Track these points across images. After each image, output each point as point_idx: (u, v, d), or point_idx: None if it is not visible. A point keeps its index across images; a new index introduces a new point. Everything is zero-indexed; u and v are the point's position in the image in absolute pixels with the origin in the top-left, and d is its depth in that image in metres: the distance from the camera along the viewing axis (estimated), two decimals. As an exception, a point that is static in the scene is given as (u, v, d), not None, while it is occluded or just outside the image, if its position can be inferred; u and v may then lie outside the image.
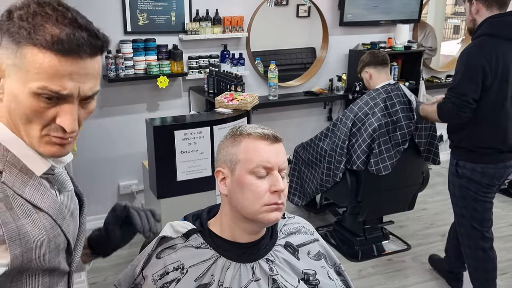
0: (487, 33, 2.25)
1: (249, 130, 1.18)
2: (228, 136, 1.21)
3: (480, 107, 2.25)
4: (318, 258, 1.28)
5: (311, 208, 3.77)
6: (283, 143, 1.20)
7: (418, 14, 4.27)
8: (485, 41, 2.25)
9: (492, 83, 2.23)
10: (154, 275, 1.16)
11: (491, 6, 2.26)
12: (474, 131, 2.32)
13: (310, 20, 5.34)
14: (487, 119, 2.28)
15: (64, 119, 0.82)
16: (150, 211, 1.16)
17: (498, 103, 2.27)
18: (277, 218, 1.15)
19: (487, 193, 2.38)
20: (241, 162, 1.15)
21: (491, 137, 2.30)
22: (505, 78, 2.24)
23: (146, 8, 3.39)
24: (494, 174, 2.33)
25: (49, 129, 0.83)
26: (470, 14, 2.33)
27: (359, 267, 3.12)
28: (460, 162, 2.39)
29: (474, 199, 2.38)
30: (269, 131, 1.18)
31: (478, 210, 2.40)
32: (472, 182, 2.36)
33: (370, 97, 2.97)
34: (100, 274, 3.01)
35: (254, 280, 1.16)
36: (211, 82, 3.42)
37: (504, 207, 3.99)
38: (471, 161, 2.35)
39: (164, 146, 2.71)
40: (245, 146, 1.16)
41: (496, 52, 2.22)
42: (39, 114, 0.81)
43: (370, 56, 3.07)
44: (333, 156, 3.03)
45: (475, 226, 2.43)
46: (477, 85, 2.21)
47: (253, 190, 1.13)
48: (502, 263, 3.15)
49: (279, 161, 1.15)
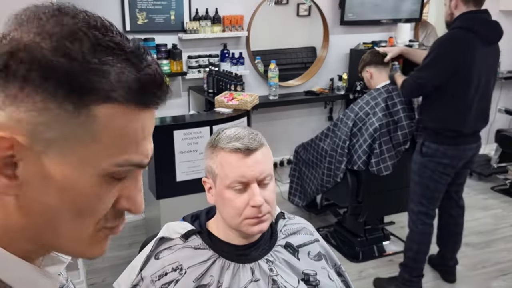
0: (460, 26, 2.47)
1: (222, 142, 1.13)
2: (208, 146, 1.18)
3: (445, 92, 2.49)
4: (318, 259, 1.28)
5: (311, 208, 3.75)
6: (265, 147, 1.15)
7: (419, 13, 4.25)
8: (457, 33, 2.48)
9: (457, 72, 2.45)
10: (152, 276, 1.15)
11: (468, 2, 2.47)
12: (440, 114, 2.54)
13: (311, 19, 5.33)
14: (451, 104, 2.51)
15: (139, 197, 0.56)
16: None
17: (462, 90, 2.48)
18: (260, 230, 1.14)
19: (443, 174, 2.59)
20: (219, 176, 1.14)
21: (454, 120, 2.52)
22: (470, 68, 2.44)
23: (145, 7, 3.38)
24: (455, 155, 2.55)
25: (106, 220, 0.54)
26: (450, 8, 2.54)
27: (359, 268, 3.11)
28: (426, 142, 2.60)
29: (430, 177, 2.60)
30: (243, 141, 1.11)
31: (430, 188, 2.63)
32: (432, 162, 2.58)
33: (371, 97, 2.96)
34: (99, 275, 2.99)
35: (253, 280, 1.15)
36: (210, 82, 3.41)
37: (505, 208, 3.97)
38: (435, 141, 2.56)
39: (163, 146, 2.70)
40: (220, 161, 1.13)
41: (465, 45, 2.44)
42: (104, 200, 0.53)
43: (371, 55, 3.06)
44: (334, 156, 3.01)
45: (423, 202, 2.66)
46: (440, 73, 2.47)
47: (232, 205, 1.12)
48: (503, 263, 3.14)
49: (256, 173, 1.11)
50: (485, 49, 2.49)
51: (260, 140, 1.15)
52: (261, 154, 1.13)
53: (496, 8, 4.63)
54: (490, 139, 4.74)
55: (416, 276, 2.75)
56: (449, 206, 2.83)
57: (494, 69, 2.63)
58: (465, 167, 2.72)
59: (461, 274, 3.00)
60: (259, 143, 1.14)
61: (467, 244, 3.37)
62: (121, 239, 3.42)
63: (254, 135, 1.15)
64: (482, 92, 2.54)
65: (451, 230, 2.87)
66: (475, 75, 2.47)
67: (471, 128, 2.55)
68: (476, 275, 3.02)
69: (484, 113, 2.62)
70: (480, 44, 2.46)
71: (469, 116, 2.52)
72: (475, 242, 3.41)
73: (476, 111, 2.54)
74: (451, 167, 2.59)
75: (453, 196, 2.81)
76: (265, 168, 1.13)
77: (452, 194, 2.80)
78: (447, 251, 2.91)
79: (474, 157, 2.68)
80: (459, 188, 2.82)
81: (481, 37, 2.46)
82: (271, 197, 1.15)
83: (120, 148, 0.51)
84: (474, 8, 2.49)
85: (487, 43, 2.49)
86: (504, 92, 4.86)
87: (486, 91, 2.57)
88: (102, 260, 3.16)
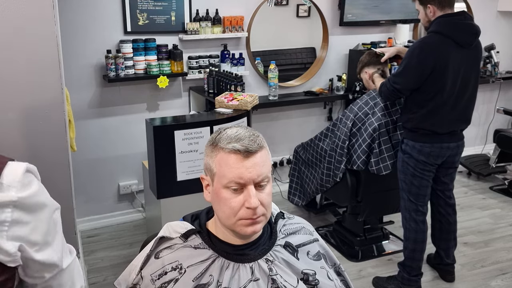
0: (434, 30, 2.53)
1: (223, 142, 1.14)
2: (209, 143, 1.19)
3: (421, 94, 2.57)
4: (317, 258, 1.28)
5: (311, 208, 3.77)
6: (264, 150, 1.16)
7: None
8: (432, 38, 2.53)
9: (431, 75, 2.50)
10: (152, 275, 1.16)
11: (444, 7, 2.54)
12: (416, 113, 2.61)
13: (310, 20, 5.35)
14: (426, 104, 2.57)
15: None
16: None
17: (436, 92, 2.53)
18: (254, 231, 1.15)
19: (424, 170, 2.66)
20: (217, 175, 1.15)
21: (429, 120, 2.58)
22: (443, 72, 2.49)
23: (146, 8, 3.39)
24: (430, 152, 2.62)
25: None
26: (426, 16, 2.60)
27: (359, 267, 3.12)
28: (405, 140, 2.70)
29: (412, 174, 2.68)
30: (243, 143, 1.12)
31: (414, 185, 2.70)
32: (411, 159, 2.66)
33: (370, 97, 2.98)
34: (100, 274, 3.01)
35: (253, 280, 1.15)
36: (211, 82, 3.42)
37: (504, 207, 3.99)
38: (412, 139, 2.65)
39: (164, 146, 2.71)
40: (219, 160, 1.14)
41: (439, 48, 2.49)
42: None
43: (368, 56, 3.07)
44: (333, 156, 3.03)
45: (411, 199, 2.73)
46: (415, 78, 2.53)
47: (227, 205, 1.13)
48: (502, 263, 3.16)
49: (254, 176, 1.11)
50: (462, 52, 2.52)
51: (260, 142, 1.15)
52: (260, 157, 1.13)
53: (494, 9, 4.65)
54: (489, 139, 4.76)
55: (415, 275, 2.77)
56: (438, 204, 2.87)
57: (475, 71, 2.63)
58: (448, 167, 2.74)
59: (460, 273, 3.02)
60: (259, 145, 1.14)
61: (466, 243, 3.39)
62: (122, 239, 3.44)
63: (255, 137, 1.15)
64: (459, 94, 2.57)
65: (443, 228, 2.90)
66: (449, 77, 2.51)
67: (447, 128, 2.60)
68: (475, 275, 3.03)
69: (464, 114, 2.65)
70: (455, 47, 2.49)
71: (443, 117, 2.57)
72: (474, 242, 3.42)
73: (453, 113, 2.59)
74: (429, 164, 2.65)
75: (441, 195, 2.84)
76: (262, 170, 1.13)
77: (438, 193, 2.83)
78: (441, 249, 2.94)
79: (456, 156, 2.72)
80: (445, 188, 2.83)
81: (455, 40, 2.49)
82: (267, 200, 1.15)
83: None
84: (450, 11, 2.54)
85: (462, 45, 2.51)
86: (502, 93, 4.87)
87: (465, 93, 2.59)
88: (103, 260, 3.18)
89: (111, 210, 3.69)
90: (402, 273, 2.80)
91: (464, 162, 4.50)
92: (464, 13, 2.59)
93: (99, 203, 3.63)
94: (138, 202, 3.76)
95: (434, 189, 2.80)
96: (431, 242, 2.96)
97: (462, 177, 4.55)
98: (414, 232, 2.74)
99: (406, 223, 2.78)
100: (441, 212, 2.87)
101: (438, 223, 2.91)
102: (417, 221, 2.73)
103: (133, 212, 3.78)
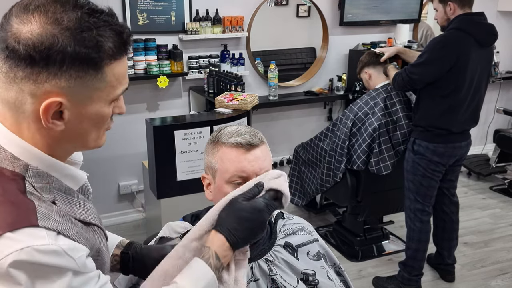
0: (456, 27, 2.52)
1: (224, 137, 1.16)
2: (209, 142, 1.20)
3: (437, 89, 2.55)
4: (317, 259, 1.29)
5: (311, 208, 3.77)
6: (265, 145, 1.17)
7: (418, 14, 4.26)
8: (453, 34, 2.53)
9: (451, 71, 2.49)
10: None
11: (464, 6, 2.54)
12: (430, 112, 2.60)
13: (310, 20, 5.34)
14: (442, 103, 2.56)
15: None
16: None
17: (453, 89, 2.53)
18: None
19: (434, 171, 2.66)
20: (219, 171, 1.15)
21: (444, 119, 2.57)
22: (464, 69, 2.49)
23: (146, 8, 3.39)
24: (444, 153, 2.62)
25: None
26: (445, 14, 2.59)
27: (359, 267, 3.12)
28: (417, 140, 2.67)
29: (423, 175, 2.67)
30: (245, 137, 1.14)
31: (423, 185, 2.69)
32: (423, 159, 2.64)
33: (370, 97, 2.98)
34: (100, 274, 3.01)
35: (253, 280, 1.16)
36: (211, 82, 3.42)
37: (504, 207, 3.99)
38: (425, 140, 2.63)
39: (164, 146, 2.71)
40: (221, 155, 1.15)
41: (461, 45, 2.49)
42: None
43: (368, 56, 3.07)
44: (333, 156, 3.03)
45: (418, 199, 2.72)
46: (434, 71, 2.52)
47: None
48: (502, 263, 3.16)
49: (256, 169, 1.12)
50: (480, 51, 2.54)
51: (261, 137, 1.17)
52: (261, 151, 1.15)
53: (494, 9, 4.65)
54: (489, 139, 4.76)
55: (415, 275, 2.77)
56: (442, 203, 2.86)
57: (487, 71, 2.67)
58: (456, 165, 2.76)
59: (460, 273, 3.02)
60: (260, 140, 1.16)
61: (466, 243, 3.39)
62: (122, 239, 3.43)
63: (255, 132, 1.17)
64: (474, 93, 2.59)
65: (446, 227, 2.90)
66: (468, 76, 2.52)
67: (460, 127, 2.61)
68: (475, 274, 3.03)
69: (474, 114, 2.67)
70: (475, 46, 2.51)
71: (459, 116, 2.58)
72: (474, 242, 3.42)
73: (467, 111, 2.60)
74: (442, 165, 2.65)
75: (446, 193, 2.85)
76: (264, 164, 1.14)
77: (444, 191, 2.83)
78: (443, 248, 2.94)
79: (465, 154, 2.74)
80: (450, 185, 2.85)
81: (476, 39, 2.51)
82: None
83: (119, 83, 0.83)
84: (469, 10, 2.56)
85: (482, 45, 2.54)
86: (502, 93, 4.87)
87: (478, 92, 2.62)
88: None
89: (111, 210, 3.69)
90: (403, 272, 2.80)
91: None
92: (483, 14, 2.60)
93: (99, 203, 3.61)
94: (138, 202, 3.76)
95: (440, 187, 2.79)
96: (432, 242, 2.95)
97: (462, 177, 4.55)
98: (418, 232, 2.74)
99: (411, 223, 2.77)
100: (445, 211, 2.87)
101: (442, 222, 2.90)
102: (422, 221, 2.73)
103: (133, 212, 3.78)
